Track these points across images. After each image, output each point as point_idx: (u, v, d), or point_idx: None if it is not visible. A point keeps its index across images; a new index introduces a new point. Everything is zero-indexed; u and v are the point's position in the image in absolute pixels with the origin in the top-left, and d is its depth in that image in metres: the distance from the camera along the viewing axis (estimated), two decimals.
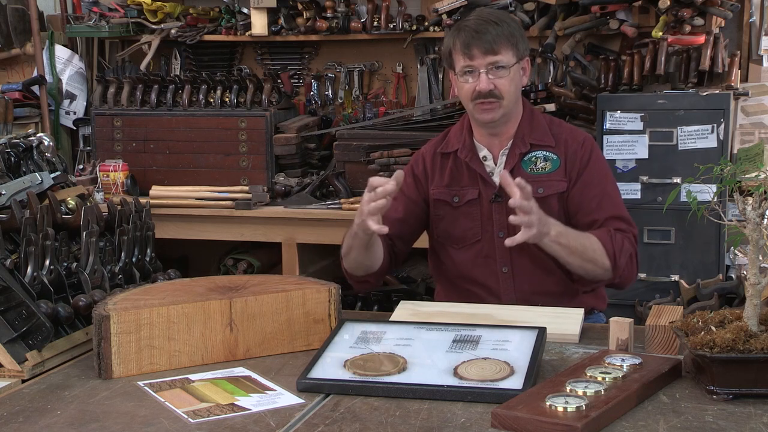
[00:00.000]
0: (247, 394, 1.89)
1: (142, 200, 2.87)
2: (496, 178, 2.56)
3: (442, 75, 4.49)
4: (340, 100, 4.63)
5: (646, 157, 3.68)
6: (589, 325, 2.35)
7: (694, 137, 3.62)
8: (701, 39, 3.78)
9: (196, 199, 4.09)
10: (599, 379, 1.80)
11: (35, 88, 4.60)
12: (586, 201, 2.53)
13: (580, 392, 1.73)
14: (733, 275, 3.68)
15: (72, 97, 4.77)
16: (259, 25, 4.42)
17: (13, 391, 1.98)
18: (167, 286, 2.29)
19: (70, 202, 2.54)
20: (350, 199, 3.93)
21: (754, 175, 3.15)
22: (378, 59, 4.61)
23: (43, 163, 2.62)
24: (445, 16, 4.04)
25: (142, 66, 4.64)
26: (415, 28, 4.35)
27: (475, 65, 2.49)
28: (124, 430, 1.75)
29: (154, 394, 1.91)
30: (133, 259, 2.54)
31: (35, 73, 4.64)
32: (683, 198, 3.35)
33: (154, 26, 4.63)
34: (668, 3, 3.66)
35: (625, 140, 3.69)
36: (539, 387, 1.79)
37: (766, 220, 1.79)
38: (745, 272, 2.95)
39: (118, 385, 1.98)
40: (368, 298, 4.11)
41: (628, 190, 3.64)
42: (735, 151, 3.77)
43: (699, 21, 3.74)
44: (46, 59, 4.68)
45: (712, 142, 3.61)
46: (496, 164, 2.59)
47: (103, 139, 4.30)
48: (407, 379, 1.89)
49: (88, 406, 1.87)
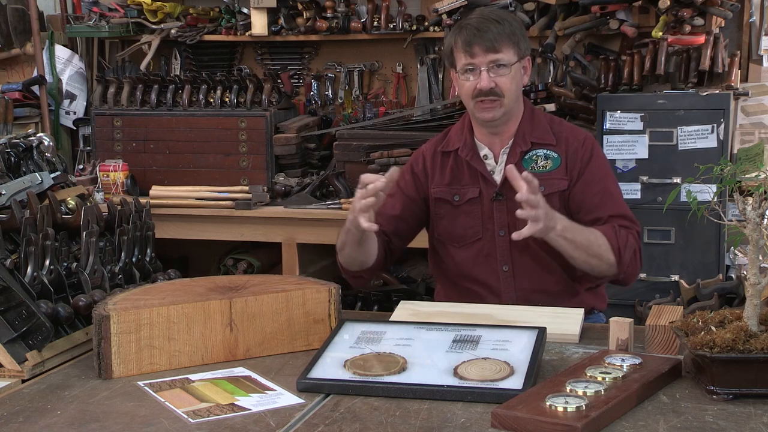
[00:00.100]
0: (247, 394, 1.89)
1: (142, 200, 2.87)
2: (497, 177, 2.56)
3: (442, 75, 4.49)
4: (340, 100, 4.63)
5: (646, 157, 3.68)
6: (589, 325, 2.35)
7: (694, 137, 3.62)
8: (701, 39, 3.78)
9: (196, 199, 4.09)
10: (599, 379, 1.80)
11: (35, 88, 4.60)
12: (587, 199, 2.53)
13: (580, 392, 1.73)
14: (733, 275, 3.67)
15: (72, 97, 4.76)
16: (259, 25, 4.43)
17: (13, 391, 1.98)
18: (167, 286, 2.29)
19: (70, 202, 2.54)
20: (350, 199, 3.91)
21: (754, 175, 3.15)
22: (378, 59, 4.61)
23: (43, 163, 2.62)
24: (445, 16, 4.04)
25: (142, 66, 4.64)
26: (415, 28, 4.35)
27: (477, 63, 2.49)
28: (124, 430, 1.75)
29: (154, 394, 1.91)
30: (133, 259, 2.54)
31: (35, 73, 4.64)
32: (683, 198, 3.35)
33: (154, 26, 4.63)
34: (668, 3, 3.66)
35: (625, 140, 3.69)
36: (539, 387, 1.79)
37: (766, 220, 1.79)
38: (745, 272, 2.95)
39: (118, 385, 1.97)
40: (368, 298, 4.10)
41: (628, 190, 3.63)
42: (735, 151, 3.76)
43: (699, 21, 3.74)
44: (46, 59, 4.68)
45: (712, 142, 3.60)
46: (497, 163, 2.59)
47: (103, 139, 4.30)
48: (407, 379, 1.89)
49: (88, 406, 1.87)
